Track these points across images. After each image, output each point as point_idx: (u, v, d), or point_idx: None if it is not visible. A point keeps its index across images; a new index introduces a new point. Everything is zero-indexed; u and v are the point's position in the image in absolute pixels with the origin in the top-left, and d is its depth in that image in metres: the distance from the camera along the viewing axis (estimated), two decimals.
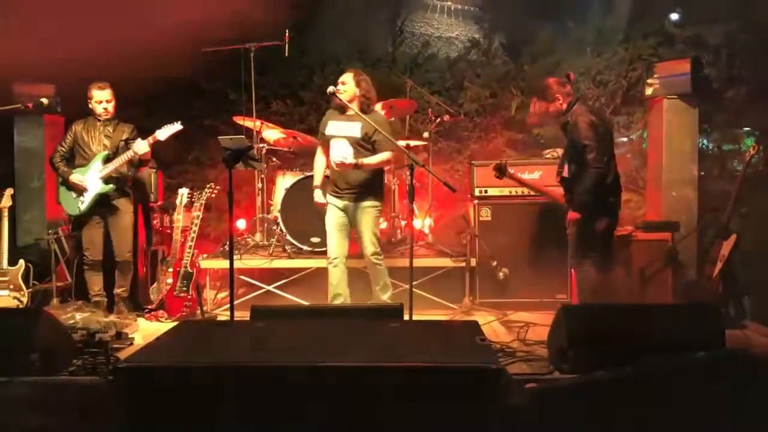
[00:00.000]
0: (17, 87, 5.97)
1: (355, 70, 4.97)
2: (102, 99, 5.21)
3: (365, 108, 4.85)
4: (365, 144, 4.86)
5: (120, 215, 5.26)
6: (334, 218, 4.99)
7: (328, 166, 5.05)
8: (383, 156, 4.87)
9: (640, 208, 6.53)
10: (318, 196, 5.06)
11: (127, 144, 5.20)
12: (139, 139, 5.15)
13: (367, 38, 7.48)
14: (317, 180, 5.11)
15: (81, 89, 5.33)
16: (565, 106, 4.60)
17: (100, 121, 5.24)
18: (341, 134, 4.90)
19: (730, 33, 6.28)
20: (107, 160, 5.16)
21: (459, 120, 6.83)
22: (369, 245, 4.95)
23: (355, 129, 4.86)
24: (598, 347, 3.48)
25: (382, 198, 5.10)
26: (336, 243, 4.98)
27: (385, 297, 5.01)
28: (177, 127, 5.17)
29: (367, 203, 4.93)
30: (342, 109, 4.93)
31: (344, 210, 4.97)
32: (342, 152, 4.84)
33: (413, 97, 6.52)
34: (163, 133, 5.14)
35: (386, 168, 5.39)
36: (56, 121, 6.16)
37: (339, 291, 4.97)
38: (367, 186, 4.92)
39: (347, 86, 4.83)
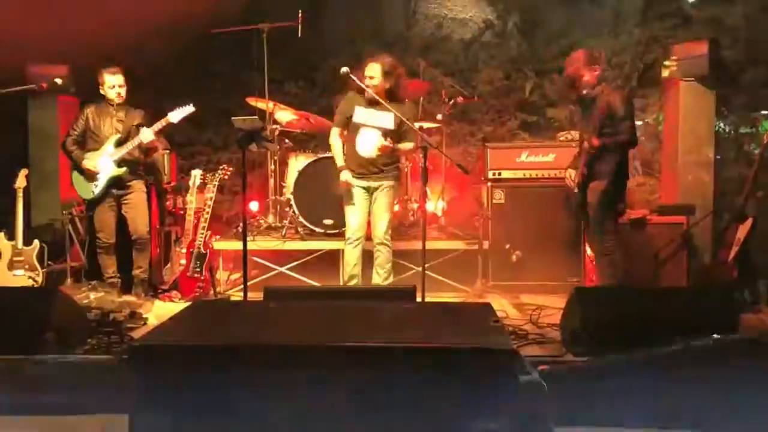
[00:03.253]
0: (31, 68, 5.97)
1: (382, 60, 4.85)
2: (114, 84, 5.18)
3: (396, 97, 4.82)
4: (396, 133, 4.86)
5: (133, 195, 5.27)
6: (358, 199, 4.97)
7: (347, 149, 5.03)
8: (411, 145, 4.98)
9: (655, 191, 6.48)
10: (346, 176, 4.95)
11: (139, 129, 5.18)
12: (144, 128, 5.12)
13: (380, 19, 7.43)
14: (341, 161, 5.01)
15: (95, 70, 5.31)
16: (595, 80, 4.60)
17: (112, 105, 5.22)
18: (373, 124, 4.86)
19: (749, 14, 6.19)
20: (119, 143, 5.16)
21: (473, 102, 6.78)
22: (385, 225, 4.96)
23: (388, 120, 4.83)
24: (611, 330, 3.47)
25: (398, 179, 5.13)
26: (359, 223, 4.97)
27: (386, 283, 4.99)
28: (189, 109, 5.16)
29: (388, 183, 4.96)
30: (365, 96, 4.86)
31: (367, 190, 4.97)
32: (372, 141, 4.83)
33: (427, 79, 6.48)
34: (176, 115, 5.13)
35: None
36: (70, 102, 6.16)
37: (355, 272, 4.97)
38: (389, 166, 4.96)
39: (375, 80, 4.77)
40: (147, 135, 5.09)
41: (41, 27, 5.53)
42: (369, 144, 4.85)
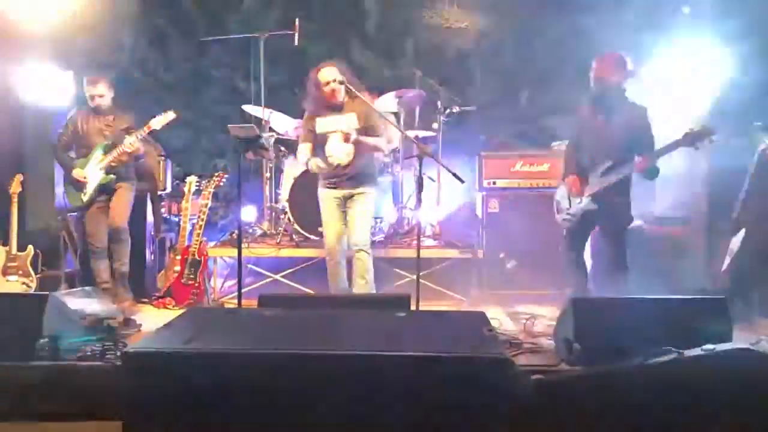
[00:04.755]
0: None
1: (333, 63, 4.77)
2: (94, 94, 5.13)
3: (353, 96, 4.71)
4: (363, 132, 4.74)
5: (120, 193, 5.23)
6: (332, 209, 4.86)
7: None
8: (379, 139, 4.83)
9: (651, 201, 6.49)
10: (313, 163, 4.79)
11: (127, 132, 5.13)
12: (127, 136, 5.06)
13: (377, 28, 7.45)
14: (307, 156, 4.87)
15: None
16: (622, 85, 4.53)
17: (99, 111, 5.19)
18: (336, 129, 4.75)
19: (742, 27, 6.22)
20: (107, 150, 5.14)
21: (468, 111, 6.80)
22: (360, 232, 4.78)
23: (350, 121, 4.74)
24: (605, 340, 3.48)
25: (377, 185, 5.00)
26: (335, 235, 4.87)
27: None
28: (171, 116, 5.10)
29: (363, 189, 4.82)
30: (326, 106, 4.77)
31: (341, 198, 4.85)
32: (340, 147, 4.68)
33: (423, 88, 6.50)
34: (158, 122, 5.07)
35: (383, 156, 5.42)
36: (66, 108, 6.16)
37: (343, 285, 4.90)
38: (363, 172, 4.82)
39: (337, 82, 4.66)
40: (131, 142, 5.04)
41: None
42: (338, 150, 4.70)
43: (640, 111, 4.50)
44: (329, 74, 4.69)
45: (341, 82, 4.66)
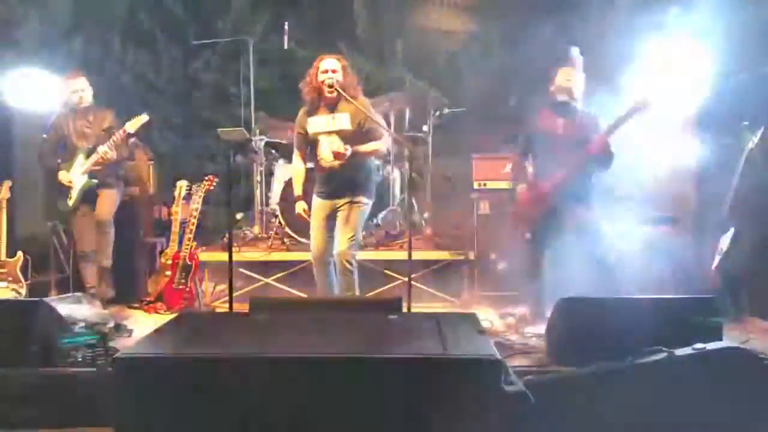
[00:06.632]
0: None
1: (336, 56, 4.66)
2: (76, 89, 5.16)
3: (351, 95, 4.48)
4: (358, 134, 4.54)
5: (105, 193, 5.24)
6: (320, 219, 4.65)
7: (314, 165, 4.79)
8: (378, 143, 4.57)
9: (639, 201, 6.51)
10: (300, 207, 4.72)
11: (110, 132, 5.14)
12: (101, 145, 5.08)
13: (366, 31, 7.46)
14: (299, 190, 4.75)
15: None
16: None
17: (78, 111, 5.20)
18: (329, 129, 4.57)
19: (729, 25, 6.25)
20: (89, 154, 5.15)
21: (458, 113, 6.81)
22: (345, 241, 4.50)
23: (344, 121, 4.53)
24: (596, 340, 3.49)
25: (373, 196, 4.78)
26: (320, 246, 4.66)
27: None
28: (144, 118, 5.13)
29: (355, 198, 4.57)
30: (320, 103, 4.60)
31: (332, 208, 4.64)
32: (333, 149, 4.51)
33: (412, 91, 6.50)
34: (131, 125, 5.10)
35: (380, 158, 5.22)
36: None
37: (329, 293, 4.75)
38: (358, 182, 4.60)
39: (338, 74, 4.51)
40: (105, 149, 5.07)
41: None
42: (329, 153, 4.53)
43: (591, 115, 4.70)
44: (329, 64, 4.55)
45: (337, 80, 4.48)
